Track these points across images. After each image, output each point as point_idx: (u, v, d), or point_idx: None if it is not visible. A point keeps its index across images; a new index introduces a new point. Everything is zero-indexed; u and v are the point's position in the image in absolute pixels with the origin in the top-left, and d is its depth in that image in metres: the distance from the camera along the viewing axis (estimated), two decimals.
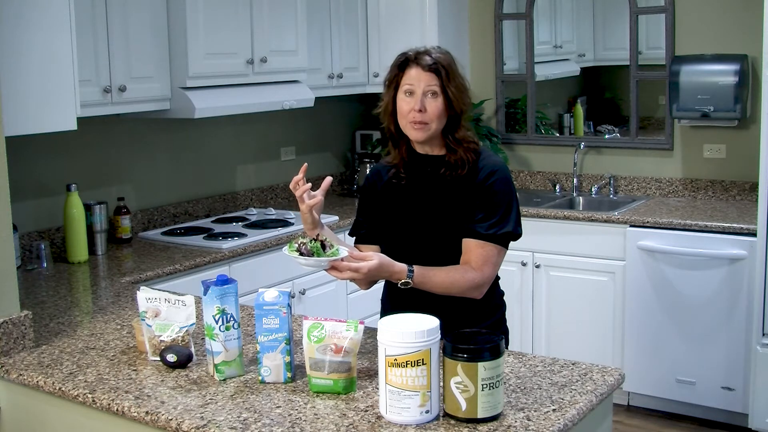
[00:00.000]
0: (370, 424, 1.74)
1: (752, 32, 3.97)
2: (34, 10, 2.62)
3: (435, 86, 2.15)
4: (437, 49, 2.22)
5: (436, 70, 2.15)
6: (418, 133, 2.18)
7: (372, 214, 2.34)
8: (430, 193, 2.24)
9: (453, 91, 2.15)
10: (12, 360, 2.20)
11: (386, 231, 2.32)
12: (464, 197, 2.20)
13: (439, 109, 2.15)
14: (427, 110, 2.15)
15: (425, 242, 2.24)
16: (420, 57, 2.17)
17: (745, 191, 4.28)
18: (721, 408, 3.90)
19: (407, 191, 2.28)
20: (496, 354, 1.69)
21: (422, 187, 2.25)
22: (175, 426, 1.78)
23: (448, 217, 2.21)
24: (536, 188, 4.93)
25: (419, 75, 2.16)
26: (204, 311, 1.98)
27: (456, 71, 2.19)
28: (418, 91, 2.15)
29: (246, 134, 4.44)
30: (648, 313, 4.01)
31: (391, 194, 2.30)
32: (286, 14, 4.00)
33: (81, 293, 3.04)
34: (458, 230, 2.20)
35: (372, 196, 2.35)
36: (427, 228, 2.24)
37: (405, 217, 2.27)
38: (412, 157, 2.27)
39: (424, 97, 2.15)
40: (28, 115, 2.64)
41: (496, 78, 5.00)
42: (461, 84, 2.19)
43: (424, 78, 2.15)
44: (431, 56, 2.17)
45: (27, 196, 3.39)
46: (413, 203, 2.26)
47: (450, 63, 2.19)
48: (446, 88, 2.15)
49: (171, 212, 4.05)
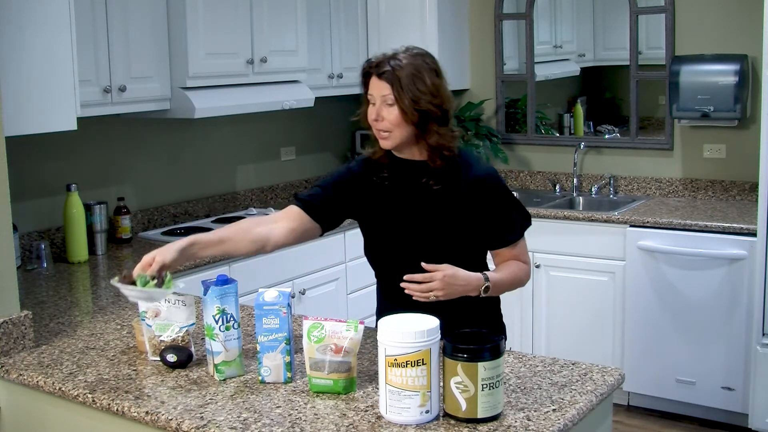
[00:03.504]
0: (370, 424, 1.74)
1: (752, 32, 3.97)
2: (34, 11, 2.62)
3: (389, 95, 2.09)
4: (406, 51, 2.14)
5: (388, 78, 2.09)
6: (383, 142, 2.15)
7: (339, 198, 2.26)
8: (414, 200, 2.20)
9: (407, 100, 2.07)
10: (12, 360, 2.20)
11: (370, 233, 2.30)
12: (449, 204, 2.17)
13: (396, 118, 2.09)
14: (384, 119, 2.11)
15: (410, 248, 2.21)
16: (378, 65, 2.12)
17: (745, 191, 4.28)
18: (721, 408, 3.90)
19: (390, 195, 2.23)
20: (496, 354, 1.69)
21: (406, 192, 2.21)
22: (175, 426, 1.78)
23: (431, 223, 2.19)
24: (536, 188, 4.93)
25: (375, 83, 2.12)
26: (204, 311, 1.98)
27: (419, 77, 2.09)
28: (377, 101, 2.12)
29: (246, 134, 4.44)
30: (648, 313, 4.01)
31: (372, 192, 2.25)
32: (286, 14, 4.00)
33: (81, 293, 3.04)
34: (441, 236, 2.18)
35: (350, 184, 2.27)
36: (412, 234, 2.21)
37: (390, 222, 2.24)
38: (394, 161, 2.23)
39: (381, 106, 2.11)
40: (28, 115, 2.65)
41: (496, 78, 5.00)
42: (424, 90, 2.08)
43: (379, 86, 2.11)
44: (390, 63, 2.10)
45: (27, 196, 3.39)
46: (398, 208, 2.22)
47: (413, 69, 2.09)
48: (398, 98, 2.08)
49: (171, 212, 4.05)
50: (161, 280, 2.00)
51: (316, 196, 2.26)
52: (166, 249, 2.06)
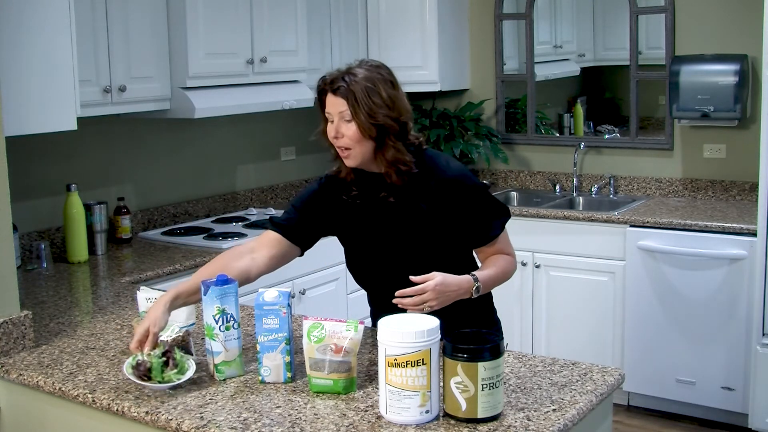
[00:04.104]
0: (370, 424, 1.74)
1: (752, 32, 3.97)
2: (34, 11, 2.62)
3: (346, 111, 2.07)
4: (361, 65, 2.10)
5: (344, 95, 2.06)
6: (347, 161, 2.13)
7: (313, 218, 2.25)
8: (383, 212, 2.19)
9: (363, 115, 2.04)
10: (12, 360, 2.20)
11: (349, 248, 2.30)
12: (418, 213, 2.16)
13: (355, 134, 2.07)
14: (344, 135, 2.08)
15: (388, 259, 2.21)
16: (332, 81, 2.09)
17: (745, 191, 4.28)
18: (721, 408, 3.90)
19: (361, 209, 2.22)
20: (496, 354, 1.69)
21: (375, 205, 2.19)
22: (175, 426, 1.78)
23: (407, 234, 2.18)
24: (536, 188, 4.93)
25: (332, 100, 2.09)
26: (204, 311, 1.98)
27: (374, 91, 2.05)
28: (335, 118, 2.10)
29: (246, 134, 4.44)
30: (648, 313, 4.01)
31: (344, 209, 2.24)
32: (286, 14, 4.00)
33: (81, 293, 3.04)
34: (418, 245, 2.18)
35: (320, 203, 2.26)
36: (387, 245, 2.20)
37: (365, 235, 2.23)
38: (360, 175, 2.20)
39: (339, 123, 2.09)
40: (28, 115, 2.64)
41: (496, 78, 5.00)
42: (379, 103, 2.05)
43: (336, 103, 2.08)
44: (344, 78, 2.07)
45: (27, 196, 3.39)
46: (370, 222, 2.21)
47: (368, 83, 2.06)
48: (354, 113, 2.06)
49: (171, 212, 4.05)
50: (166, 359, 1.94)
51: (293, 219, 2.25)
52: (154, 317, 1.98)
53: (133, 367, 1.92)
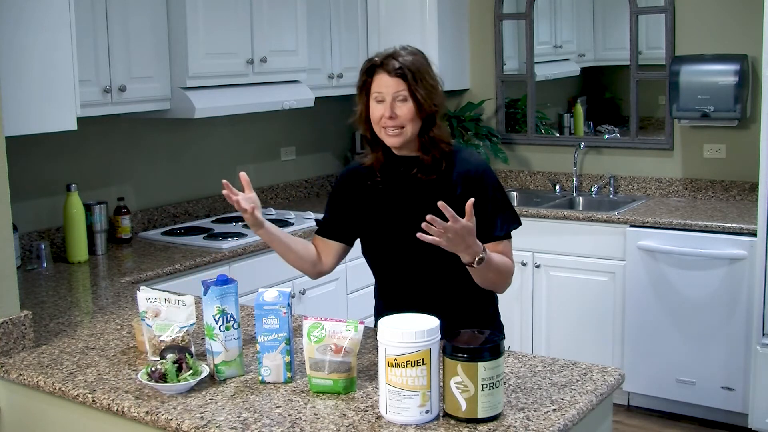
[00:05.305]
0: (370, 424, 1.74)
1: (752, 32, 3.97)
2: (34, 11, 2.62)
3: (403, 91, 2.12)
4: (406, 49, 2.18)
5: (402, 74, 2.12)
6: (393, 140, 2.16)
7: (342, 214, 2.33)
8: (407, 195, 2.23)
9: (422, 93, 2.12)
10: (12, 360, 2.20)
11: (367, 234, 2.32)
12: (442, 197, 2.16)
13: (411, 113, 2.13)
14: (398, 115, 2.13)
15: (406, 244, 2.20)
16: (387, 62, 2.14)
17: (745, 191, 4.28)
18: (721, 408, 3.90)
19: (384, 194, 2.26)
20: (496, 354, 1.69)
21: (399, 189, 2.24)
22: (175, 426, 1.78)
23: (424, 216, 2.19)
24: (536, 188, 4.93)
25: (387, 81, 2.13)
26: (204, 311, 1.98)
27: (425, 72, 2.15)
28: (388, 98, 2.13)
29: (246, 134, 4.44)
30: (648, 313, 4.01)
31: (367, 197, 2.29)
32: (286, 14, 4.00)
33: (81, 293, 3.04)
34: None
35: (345, 196, 2.34)
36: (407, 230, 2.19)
37: (384, 220, 2.26)
38: (389, 160, 2.25)
39: (393, 103, 2.13)
40: (28, 115, 2.65)
41: (496, 78, 5.00)
42: (431, 84, 2.15)
43: (392, 84, 2.13)
44: (398, 60, 2.13)
45: (27, 196, 3.39)
46: (391, 206, 2.25)
47: (418, 65, 2.15)
48: (414, 92, 2.12)
49: (171, 212, 4.05)
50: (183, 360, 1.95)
51: (327, 218, 2.37)
52: (256, 199, 2.29)
53: (149, 374, 1.93)
